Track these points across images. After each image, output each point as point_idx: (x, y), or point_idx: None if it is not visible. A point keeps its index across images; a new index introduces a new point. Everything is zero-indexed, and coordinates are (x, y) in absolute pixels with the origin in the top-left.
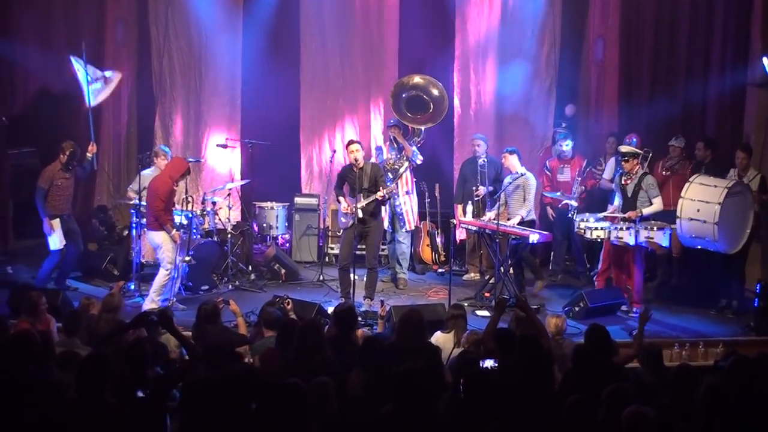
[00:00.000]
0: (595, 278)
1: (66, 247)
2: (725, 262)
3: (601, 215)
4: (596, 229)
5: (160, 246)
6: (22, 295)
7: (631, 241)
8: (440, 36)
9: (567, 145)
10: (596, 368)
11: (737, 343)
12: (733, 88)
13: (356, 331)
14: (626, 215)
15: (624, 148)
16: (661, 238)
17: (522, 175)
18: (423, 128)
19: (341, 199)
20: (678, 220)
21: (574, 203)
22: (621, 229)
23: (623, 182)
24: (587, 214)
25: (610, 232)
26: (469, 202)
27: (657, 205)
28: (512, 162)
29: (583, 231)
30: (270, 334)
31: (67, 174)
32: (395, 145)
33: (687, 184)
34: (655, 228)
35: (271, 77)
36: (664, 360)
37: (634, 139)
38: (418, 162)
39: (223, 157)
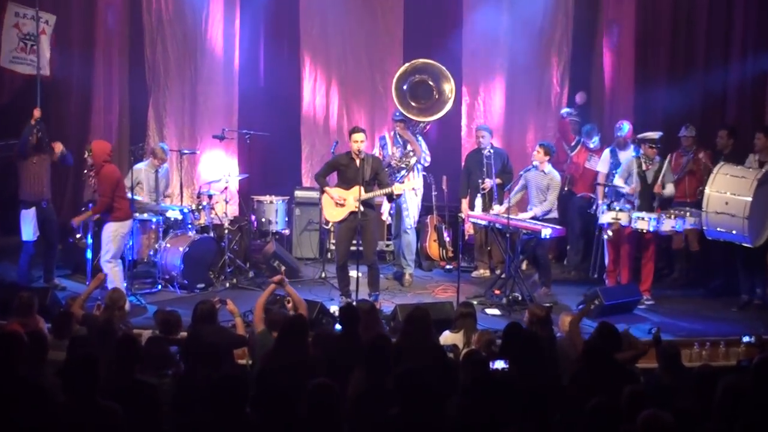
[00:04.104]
0: (605, 278)
1: (43, 239)
2: (746, 256)
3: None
4: (642, 219)
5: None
6: (10, 295)
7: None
8: (447, 21)
9: (593, 143)
10: (606, 368)
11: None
12: (755, 75)
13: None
14: (655, 191)
15: (650, 135)
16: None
17: (546, 171)
18: (427, 120)
19: (329, 190)
20: (704, 214)
21: (595, 196)
22: (669, 217)
23: (644, 168)
24: (617, 202)
25: (660, 222)
26: (478, 195)
27: (671, 188)
28: (543, 159)
29: (622, 223)
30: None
31: (41, 154)
32: (399, 141)
33: (712, 176)
34: (673, 216)
35: (270, 65)
36: (683, 360)
37: (626, 124)
38: (426, 164)
39: (219, 149)
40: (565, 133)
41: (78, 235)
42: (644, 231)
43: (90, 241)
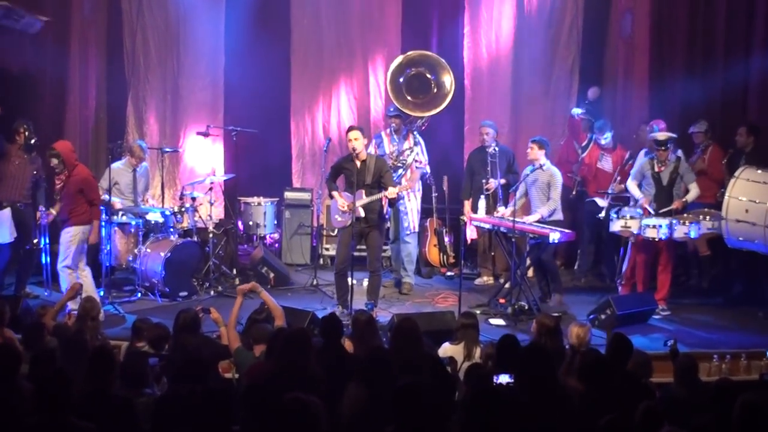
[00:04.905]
0: (619, 284)
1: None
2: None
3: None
4: (652, 227)
5: None
6: None
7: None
8: (448, 8)
9: (605, 139)
10: (617, 383)
11: None
12: None
13: (344, 341)
14: (674, 206)
15: (661, 135)
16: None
17: (544, 167)
18: (426, 116)
19: (336, 194)
20: (724, 222)
21: (602, 202)
22: (683, 223)
23: (657, 170)
24: (627, 209)
25: (672, 229)
26: (481, 196)
27: (695, 190)
28: (538, 155)
29: (632, 230)
30: (261, 348)
31: (25, 155)
32: (396, 138)
33: (732, 180)
34: (687, 222)
35: (258, 56)
36: (701, 374)
37: (658, 126)
38: (426, 172)
39: (203, 147)
40: (575, 132)
41: (35, 240)
42: (655, 240)
43: (44, 243)
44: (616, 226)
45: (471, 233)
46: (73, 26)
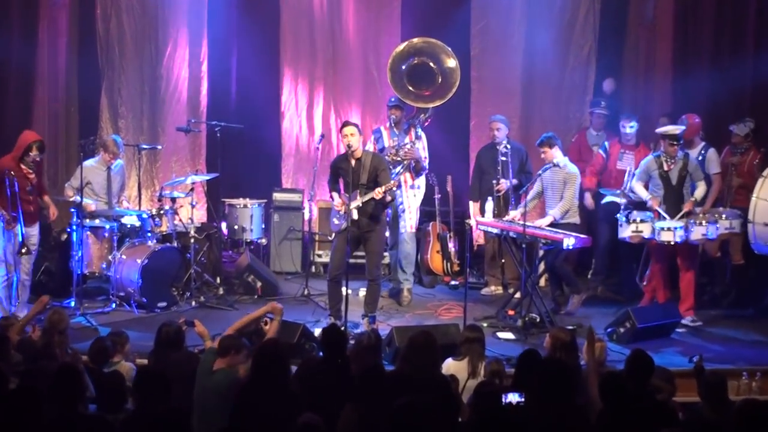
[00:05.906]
0: (642, 285)
1: None
2: None
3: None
4: (666, 229)
5: None
6: None
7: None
8: None
9: (631, 127)
10: (635, 404)
11: None
12: None
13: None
14: (685, 209)
15: (674, 129)
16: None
17: (560, 165)
18: (431, 107)
19: (335, 195)
20: (750, 225)
21: (620, 200)
22: (699, 224)
23: (666, 168)
24: (636, 212)
25: (689, 230)
26: (489, 198)
27: (703, 188)
28: (553, 154)
29: (643, 233)
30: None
31: None
32: (396, 132)
33: (761, 180)
34: (704, 222)
35: (245, 43)
36: (730, 393)
37: (685, 119)
38: (424, 171)
39: (184, 144)
40: (581, 150)
41: (23, 249)
42: (671, 243)
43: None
44: (626, 232)
45: (477, 238)
46: (41, 11)
